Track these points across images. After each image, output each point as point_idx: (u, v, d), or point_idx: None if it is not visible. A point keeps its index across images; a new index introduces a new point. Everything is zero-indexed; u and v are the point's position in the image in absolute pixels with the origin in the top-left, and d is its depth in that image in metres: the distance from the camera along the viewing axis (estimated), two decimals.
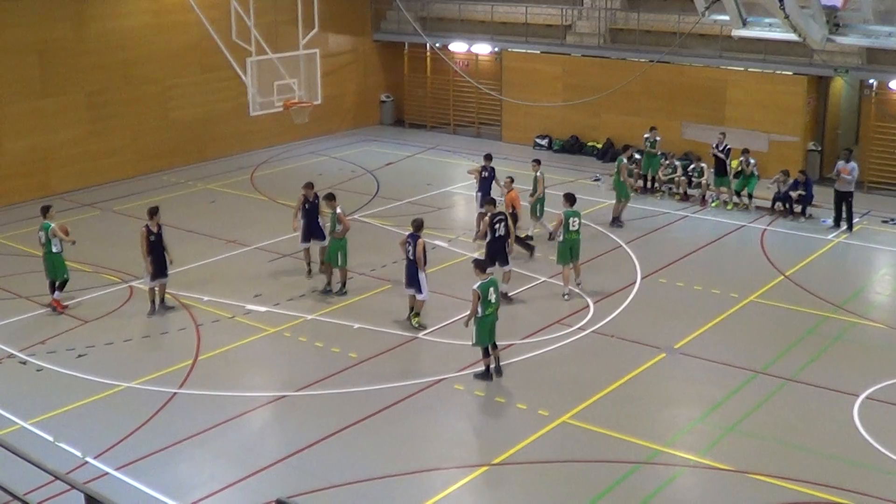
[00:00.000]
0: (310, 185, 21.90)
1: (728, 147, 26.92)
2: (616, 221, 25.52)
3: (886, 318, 19.89)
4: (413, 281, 19.01)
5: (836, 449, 14.84)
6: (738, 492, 13.83)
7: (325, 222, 21.45)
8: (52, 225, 20.17)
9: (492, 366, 17.09)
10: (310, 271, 22.02)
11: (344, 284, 21.01)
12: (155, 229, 19.85)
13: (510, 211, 21.88)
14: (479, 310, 16.52)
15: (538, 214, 23.97)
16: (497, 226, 20.22)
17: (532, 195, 23.76)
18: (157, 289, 20.14)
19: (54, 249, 20.14)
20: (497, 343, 17.10)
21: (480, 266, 16.92)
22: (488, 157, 24.62)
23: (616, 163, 25.78)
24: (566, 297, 20.69)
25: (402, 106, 38.91)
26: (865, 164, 28.33)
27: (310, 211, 21.60)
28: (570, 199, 20.93)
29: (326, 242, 21.14)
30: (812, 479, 13.95)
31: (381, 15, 38.35)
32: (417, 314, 19.22)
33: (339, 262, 20.77)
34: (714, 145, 27.23)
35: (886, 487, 13.81)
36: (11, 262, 23.35)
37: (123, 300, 20.91)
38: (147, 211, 20.11)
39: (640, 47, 32.28)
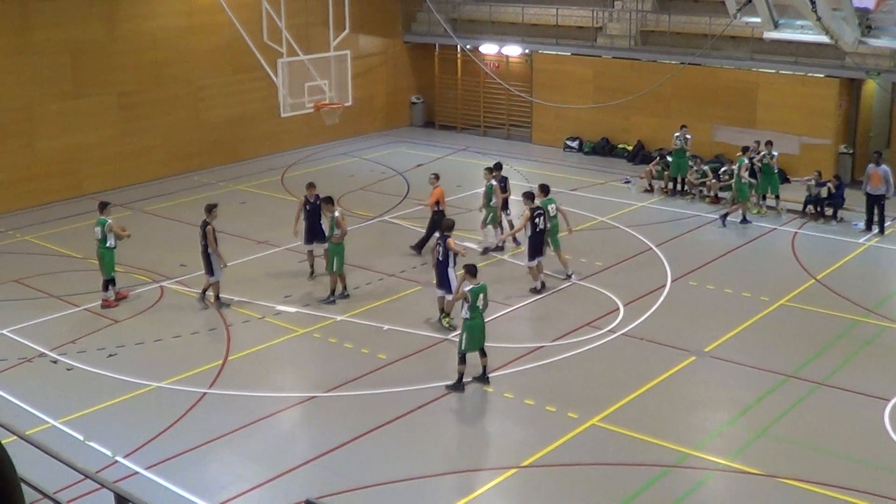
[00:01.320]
0: (311, 186, 21.91)
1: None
2: (744, 220, 25.66)
3: None
4: (444, 281, 19.00)
5: (867, 454, 14.71)
6: (767, 496, 13.75)
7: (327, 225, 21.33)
8: (109, 220, 20.39)
9: (465, 377, 16.92)
10: (312, 272, 22.05)
11: (333, 293, 20.76)
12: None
13: (434, 208, 22.47)
14: (467, 313, 16.51)
15: (487, 222, 23.50)
16: (537, 220, 20.38)
17: (486, 204, 23.33)
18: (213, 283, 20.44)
19: (108, 244, 20.37)
20: (485, 350, 16.98)
21: (471, 272, 16.87)
22: (498, 167, 24.00)
23: (737, 164, 25.69)
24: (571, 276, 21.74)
25: (432, 107, 38.95)
26: None
27: (311, 212, 21.55)
28: (545, 189, 21.68)
29: (325, 246, 21.07)
30: (842, 483, 13.85)
31: (411, 17, 38.40)
32: (448, 314, 19.20)
33: (335, 269, 20.61)
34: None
35: None
36: (43, 262, 23.54)
37: (154, 300, 21.04)
38: (206, 208, 20.35)
39: (671, 49, 32.13)
